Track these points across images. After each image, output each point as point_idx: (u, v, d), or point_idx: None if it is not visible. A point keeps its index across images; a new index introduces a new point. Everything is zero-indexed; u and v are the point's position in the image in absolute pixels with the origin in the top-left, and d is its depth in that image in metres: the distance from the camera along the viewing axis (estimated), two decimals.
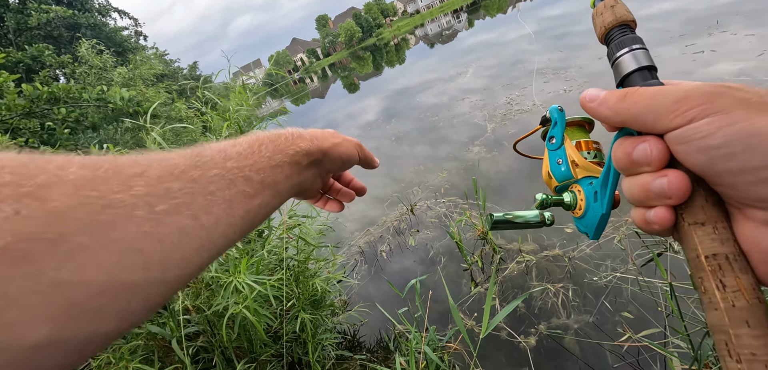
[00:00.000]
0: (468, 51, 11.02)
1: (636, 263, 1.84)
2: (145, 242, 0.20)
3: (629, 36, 0.30)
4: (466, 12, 34.30)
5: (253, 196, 0.29)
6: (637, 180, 0.27)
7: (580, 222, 0.38)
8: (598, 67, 4.57)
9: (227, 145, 0.30)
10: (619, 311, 1.67)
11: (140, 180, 0.22)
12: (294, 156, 0.35)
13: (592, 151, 0.40)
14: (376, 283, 2.51)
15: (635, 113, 0.26)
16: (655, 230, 0.27)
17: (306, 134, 0.38)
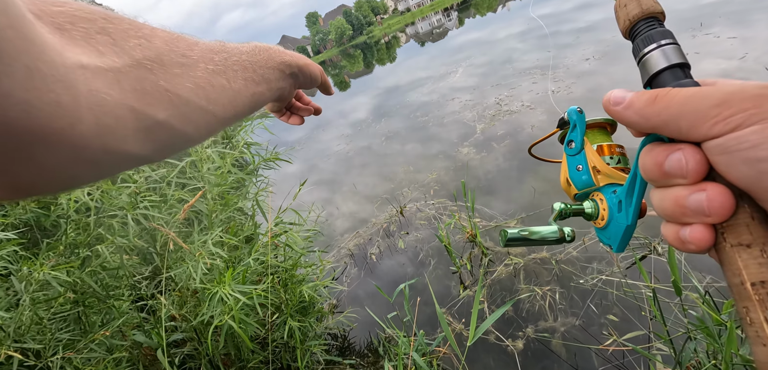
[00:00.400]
0: (458, 49, 11.06)
1: (621, 265, 1.86)
2: (206, 83, 0.30)
3: (658, 30, 0.27)
4: (456, 10, 34.40)
5: (258, 83, 0.37)
6: (669, 193, 0.24)
7: (603, 233, 0.36)
8: (586, 67, 4.63)
9: (239, 45, 0.38)
10: (605, 314, 1.69)
11: (197, 47, 0.31)
12: (280, 64, 0.43)
13: (615, 156, 0.37)
14: (366, 285, 2.50)
15: (667, 118, 0.23)
16: (690, 250, 0.24)
17: (287, 52, 0.46)
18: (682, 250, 0.24)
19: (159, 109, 0.26)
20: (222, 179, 1.68)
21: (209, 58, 0.31)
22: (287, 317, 1.65)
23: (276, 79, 0.41)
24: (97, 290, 1.55)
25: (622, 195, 0.32)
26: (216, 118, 0.32)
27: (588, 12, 7.85)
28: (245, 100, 0.35)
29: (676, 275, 1.14)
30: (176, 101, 0.27)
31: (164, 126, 0.26)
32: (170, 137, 0.28)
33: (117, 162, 0.25)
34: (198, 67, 0.30)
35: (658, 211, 0.26)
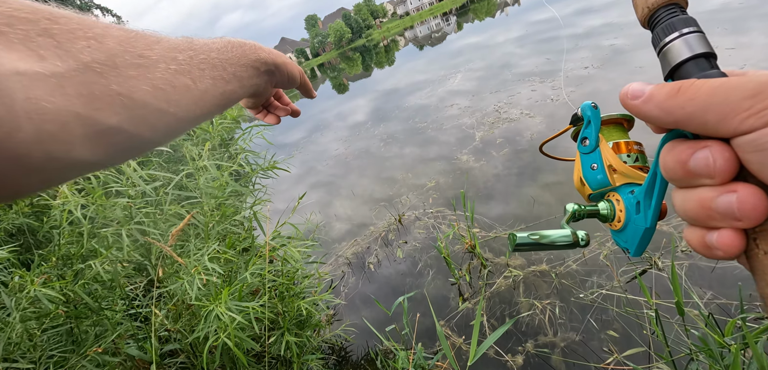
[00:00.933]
0: (457, 54, 11.07)
1: (621, 280, 1.85)
2: (166, 85, 0.29)
3: (680, 17, 0.25)
4: (455, 15, 34.53)
5: (228, 81, 0.36)
6: (694, 194, 0.22)
7: (619, 236, 0.34)
8: (585, 73, 4.64)
9: (209, 41, 0.37)
10: (605, 329, 1.68)
11: (158, 46, 0.29)
12: (255, 62, 0.41)
13: (633, 154, 0.35)
14: (364, 296, 2.48)
15: (692, 112, 0.21)
16: (718, 257, 0.22)
17: (265, 48, 0.45)
18: (708, 256, 0.22)
19: (109, 113, 0.25)
20: (219, 191, 1.65)
21: (172, 57, 0.30)
22: (284, 330, 1.62)
23: (249, 76, 0.41)
24: (89, 302, 1.52)
25: (641, 196, 0.30)
26: (178, 119, 0.31)
27: (587, 17, 7.88)
28: (213, 99, 0.34)
29: (679, 295, 1.12)
30: (130, 104, 0.26)
31: (116, 131, 0.25)
32: (124, 142, 0.27)
33: (64, 169, 0.24)
34: (157, 67, 0.28)
35: (681, 213, 0.23)
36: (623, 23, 6.22)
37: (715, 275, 1.71)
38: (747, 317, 1.28)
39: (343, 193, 4.37)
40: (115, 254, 1.40)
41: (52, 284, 1.27)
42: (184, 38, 0.34)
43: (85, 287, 1.56)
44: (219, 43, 0.37)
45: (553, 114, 4.03)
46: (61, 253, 1.61)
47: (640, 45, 4.84)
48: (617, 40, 5.44)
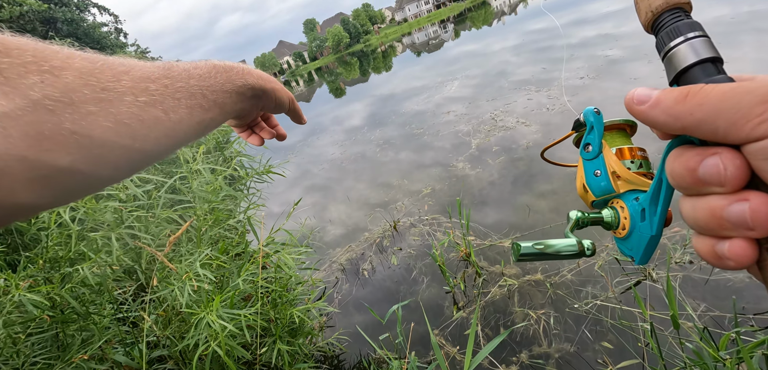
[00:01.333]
0: (454, 61, 11.14)
1: (615, 290, 1.85)
2: (131, 119, 0.27)
3: (684, 21, 0.25)
4: (452, 23, 34.80)
5: (207, 110, 0.35)
6: (703, 203, 0.21)
7: (624, 244, 0.33)
8: (580, 83, 4.67)
9: (190, 66, 0.35)
10: (600, 340, 1.67)
11: (127, 76, 0.28)
12: (241, 88, 0.41)
13: (637, 160, 0.34)
14: (358, 303, 2.46)
15: (701, 118, 0.20)
16: (729, 267, 0.21)
17: (254, 72, 0.44)
18: (719, 266, 0.22)
19: (61, 154, 0.23)
20: (213, 195, 1.63)
21: (142, 88, 0.28)
22: (276, 338, 1.60)
23: (233, 102, 0.39)
24: (76, 307, 1.49)
25: (646, 203, 0.30)
26: (144, 154, 0.29)
27: (582, 28, 7.97)
28: (188, 129, 0.33)
29: (674, 308, 1.12)
30: (86, 143, 0.24)
31: (67, 172, 0.24)
32: (76, 183, 0.25)
33: (5, 215, 0.23)
34: (123, 100, 0.27)
35: (690, 222, 0.23)
36: (617, 34, 6.30)
37: (708, 287, 1.72)
38: (741, 331, 1.28)
39: (338, 197, 4.35)
40: (104, 259, 1.37)
41: (38, 289, 1.24)
42: (161, 65, 0.32)
43: (72, 291, 1.52)
44: (202, 68, 0.36)
45: (548, 122, 4.05)
46: (49, 255, 1.57)
47: (635, 56, 4.90)
48: (612, 51, 5.50)
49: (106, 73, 0.26)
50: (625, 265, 1.96)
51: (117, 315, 1.74)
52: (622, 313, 1.73)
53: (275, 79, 0.49)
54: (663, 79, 0.25)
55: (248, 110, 0.46)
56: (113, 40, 20.79)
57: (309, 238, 2.45)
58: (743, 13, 4.88)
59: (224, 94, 0.38)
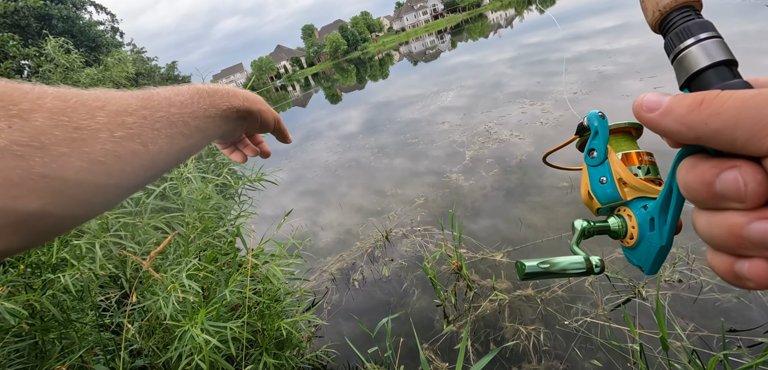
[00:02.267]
0: (450, 71, 11.22)
1: (605, 307, 1.85)
2: (106, 156, 0.26)
3: (696, 21, 0.23)
4: (449, 33, 35.14)
5: (188, 137, 0.34)
6: (720, 218, 0.20)
7: (632, 254, 0.32)
8: (572, 98, 4.72)
9: (172, 93, 0.34)
10: (589, 358, 1.66)
11: (102, 112, 0.27)
12: (226, 111, 0.40)
13: (644, 165, 0.33)
14: (347, 314, 2.43)
15: (717, 128, 0.19)
16: (748, 287, 0.20)
17: (239, 94, 0.44)
18: (737, 286, 0.21)
19: (30, 199, 0.23)
20: (203, 203, 1.61)
21: (119, 122, 0.28)
22: (263, 350, 1.57)
23: (216, 126, 0.39)
24: (56, 314, 1.45)
25: (655, 212, 0.29)
26: (121, 188, 0.29)
27: (575, 43, 8.09)
28: (168, 158, 0.33)
29: (664, 330, 1.12)
30: (58, 185, 0.24)
31: (38, 216, 0.23)
32: (48, 225, 0.25)
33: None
34: (98, 137, 0.26)
35: (705, 237, 0.21)
36: (610, 50, 6.40)
37: (697, 306, 1.72)
38: (729, 354, 1.29)
39: (331, 203, 4.33)
40: (87, 266, 1.34)
41: (16, 298, 1.21)
42: (140, 94, 0.31)
43: (53, 297, 1.48)
44: (184, 95, 0.35)
45: (542, 135, 4.08)
46: (30, 260, 1.54)
47: (627, 72, 4.97)
48: (605, 66, 5.58)
49: (80, 111, 0.26)
50: (615, 282, 1.96)
51: (100, 322, 1.70)
52: (612, 331, 1.73)
53: (261, 100, 0.50)
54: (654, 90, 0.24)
55: (232, 131, 0.46)
56: (109, 39, 20.65)
57: (299, 248, 2.43)
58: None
59: (207, 119, 0.37)
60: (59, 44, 5.44)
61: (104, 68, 6.08)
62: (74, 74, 5.56)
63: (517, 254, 2.43)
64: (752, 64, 3.73)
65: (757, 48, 4.17)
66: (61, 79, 5.69)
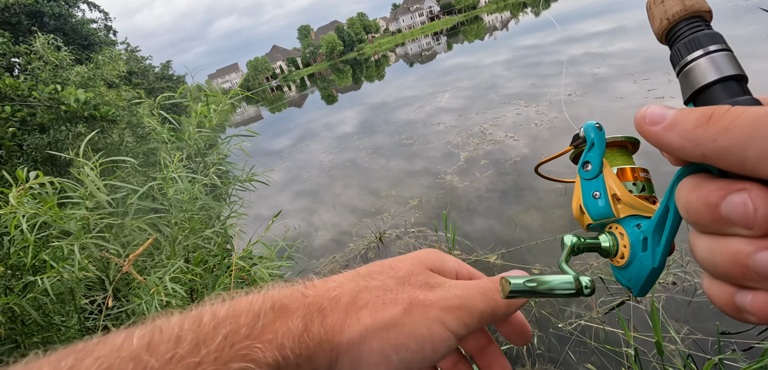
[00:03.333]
0: (446, 72, 11.24)
1: (599, 310, 1.83)
2: None
3: (704, 32, 0.22)
4: (445, 35, 35.27)
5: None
6: (724, 245, 0.18)
7: (622, 274, 0.30)
8: (567, 100, 4.74)
9: (201, 328, 0.22)
10: (583, 362, 1.65)
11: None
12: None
13: (639, 182, 0.31)
14: None
15: (726, 146, 0.17)
16: (750, 321, 0.19)
17: (307, 300, 0.26)
18: (737, 318, 0.19)
19: None
20: (190, 203, 1.57)
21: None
22: None
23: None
24: (37, 318, 1.40)
25: (649, 232, 0.27)
26: None
27: (570, 46, 8.13)
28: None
29: (659, 334, 1.10)
30: None
31: None
32: None
33: None
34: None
35: (705, 264, 0.20)
36: (604, 53, 6.43)
37: (691, 309, 1.71)
38: (724, 358, 1.27)
39: (326, 203, 4.30)
40: (67, 268, 1.29)
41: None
42: (168, 337, 0.22)
43: (35, 300, 1.44)
44: (220, 332, 0.23)
45: (537, 137, 4.08)
46: (11, 263, 1.49)
47: (621, 75, 4.99)
48: (599, 69, 5.60)
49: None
50: (610, 284, 1.95)
51: (84, 324, 1.65)
52: (606, 334, 1.71)
53: (410, 275, 0.32)
54: (649, 96, 0.22)
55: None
56: (102, 38, 20.44)
57: (290, 250, 2.39)
58: None
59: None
60: (49, 41, 5.35)
61: (95, 66, 5.98)
62: (64, 72, 5.47)
63: (511, 256, 2.41)
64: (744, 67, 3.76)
65: (749, 52, 4.21)
66: (51, 77, 5.59)
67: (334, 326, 0.25)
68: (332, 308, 0.26)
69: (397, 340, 0.26)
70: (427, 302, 0.27)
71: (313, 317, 0.25)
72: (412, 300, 0.27)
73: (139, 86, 12.27)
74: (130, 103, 5.83)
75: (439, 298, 0.28)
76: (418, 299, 0.28)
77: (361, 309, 0.27)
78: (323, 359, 0.25)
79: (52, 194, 1.22)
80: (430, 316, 0.27)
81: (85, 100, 4.20)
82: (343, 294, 0.27)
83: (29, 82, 4.41)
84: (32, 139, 4.36)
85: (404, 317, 0.26)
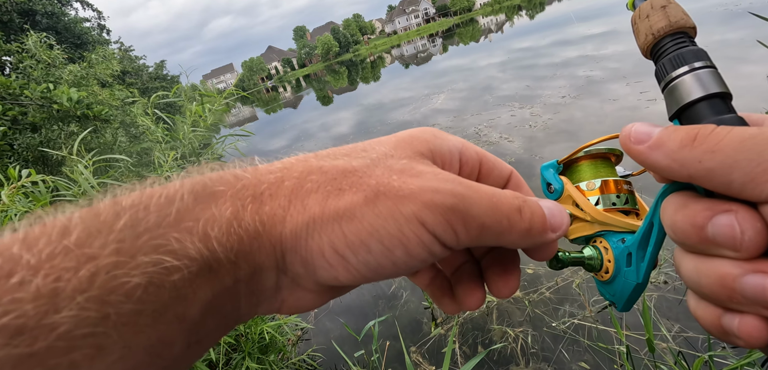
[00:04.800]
0: (441, 74, 11.28)
1: (592, 309, 1.85)
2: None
3: (690, 48, 0.22)
4: (441, 37, 35.39)
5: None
6: (710, 266, 0.18)
7: (606, 289, 0.30)
8: (561, 102, 4.78)
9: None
10: (576, 360, 1.66)
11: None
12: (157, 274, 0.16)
13: (623, 195, 0.32)
14: (334, 317, 2.39)
15: (712, 167, 0.17)
16: (737, 344, 0.19)
17: (240, 183, 0.19)
18: (724, 341, 0.19)
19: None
20: None
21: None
22: (246, 355, 1.53)
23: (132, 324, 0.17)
24: None
25: (633, 247, 0.27)
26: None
27: (564, 49, 8.21)
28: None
29: (650, 333, 1.12)
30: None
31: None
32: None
33: None
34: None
35: (690, 284, 0.19)
36: (598, 56, 6.50)
37: (682, 308, 1.74)
38: (714, 355, 1.29)
39: None
40: None
41: None
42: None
43: None
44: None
45: (531, 138, 4.11)
46: None
47: (614, 78, 5.04)
48: (592, 71, 5.66)
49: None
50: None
51: None
52: (599, 333, 1.73)
53: (390, 144, 0.25)
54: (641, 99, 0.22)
55: (219, 324, 0.22)
56: (95, 37, 20.24)
57: None
58: None
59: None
60: (41, 39, 5.29)
61: (88, 65, 5.93)
62: (56, 71, 5.41)
63: None
64: (733, 71, 3.82)
65: (738, 56, 4.28)
66: (43, 75, 5.53)
67: (273, 215, 0.19)
68: (273, 193, 0.20)
69: (354, 236, 0.19)
70: (402, 191, 0.19)
71: (246, 203, 0.19)
72: (380, 187, 0.19)
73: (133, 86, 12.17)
74: (123, 102, 5.78)
75: (424, 188, 0.20)
76: (390, 186, 0.20)
77: (308, 194, 0.20)
78: (264, 256, 0.19)
79: (44, 192, 1.21)
80: (405, 211, 0.19)
81: (78, 99, 4.16)
82: (287, 177, 0.20)
83: (21, 80, 4.37)
84: (23, 139, 4.31)
85: (365, 208, 0.19)
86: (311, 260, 0.19)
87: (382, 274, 0.20)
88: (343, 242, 0.19)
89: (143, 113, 4.78)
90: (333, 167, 0.21)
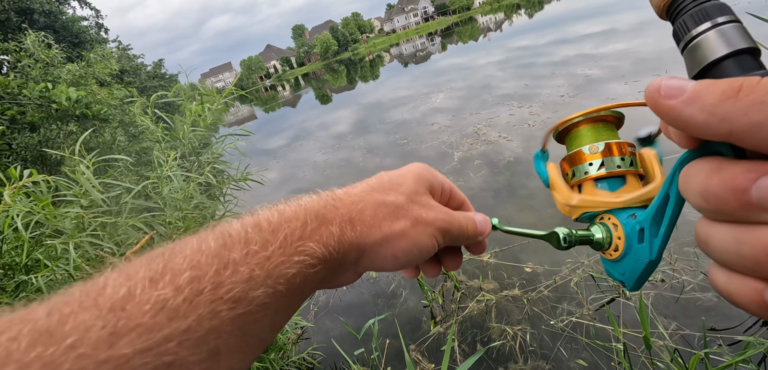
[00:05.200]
0: (440, 73, 11.27)
1: (590, 307, 1.87)
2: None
3: (711, 3, 0.20)
4: (439, 36, 35.36)
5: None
6: (754, 235, 0.16)
7: (614, 267, 0.29)
8: (560, 100, 4.79)
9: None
10: (574, 358, 1.68)
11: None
12: (291, 278, 0.27)
13: (627, 157, 0.30)
14: (333, 315, 2.41)
15: (760, 121, 0.15)
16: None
17: (340, 211, 0.33)
18: (765, 317, 0.17)
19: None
20: (184, 202, 1.57)
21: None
22: None
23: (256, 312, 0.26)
24: None
25: (646, 222, 0.26)
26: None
27: (562, 47, 8.21)
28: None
29: (647, 330, 1.13)
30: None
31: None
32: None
33: None
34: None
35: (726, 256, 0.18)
36: (596, 55, 6.51)
37: (679, 306, 1.75)
38: (710, 352, 1.31)
39: None
40: (62, 266, 1.29)
41: None
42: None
43: (28, 300, 1.43)
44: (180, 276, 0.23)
45: (530, 137, 4.12)
46: (4, 262, 1.48)
47: (612, 77, 5.06)
48: (591, 70, 5.67)
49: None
50: (600, 282, 1.98)
51: None
52: (597, 331, 1.74)
53: (409, 196, 0.39)
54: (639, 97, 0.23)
55: (314, 287, 0.35)
56: (93, 36, 20.15)
57: None
58: None
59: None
60: (39, 39, 5.28)
61: (86, 64, 5.91)
62: (55, 70, 5.39)
63: (504, 255, 2.44)
64: None
65: None
66: (42, 75, 5.52)
67: (361, 233, 0.32)
68: (360, 219, 0.33)
69: (405, 246, 0.33)
70: (427, 220, 0.35)
71: (346, 226, 0.31)
72: (418, 217, 0.35)
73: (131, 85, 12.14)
74: (122, 101, 5.77)
75: (436, 218, 0.36)
76: (422, 217, 0.35)
77: (381, 221, 0.33)
78: (352, 256, 0.32)
79: (46, 192, 1.22)
80: (428, 231, 0.35)
81: (77, 98, 4.15)
82: (365, 207, 0.33)
83: (19, 80, 4.36)
84: (22, 138, 4.30)
85: (411, 230, 0.34)
86: (377, 260, 0.33)
87: (410, 264, 0.35)
88: (399, 250, 0.33)
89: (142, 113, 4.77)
90: (392, 203, 0.34)
